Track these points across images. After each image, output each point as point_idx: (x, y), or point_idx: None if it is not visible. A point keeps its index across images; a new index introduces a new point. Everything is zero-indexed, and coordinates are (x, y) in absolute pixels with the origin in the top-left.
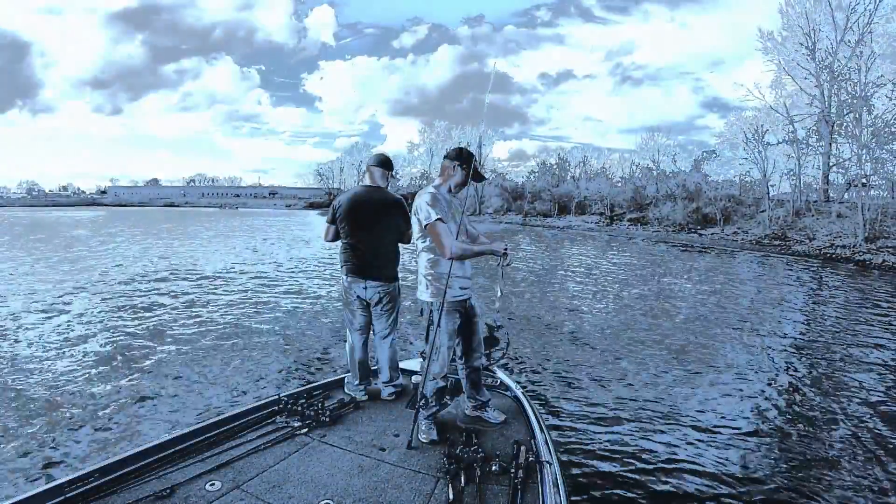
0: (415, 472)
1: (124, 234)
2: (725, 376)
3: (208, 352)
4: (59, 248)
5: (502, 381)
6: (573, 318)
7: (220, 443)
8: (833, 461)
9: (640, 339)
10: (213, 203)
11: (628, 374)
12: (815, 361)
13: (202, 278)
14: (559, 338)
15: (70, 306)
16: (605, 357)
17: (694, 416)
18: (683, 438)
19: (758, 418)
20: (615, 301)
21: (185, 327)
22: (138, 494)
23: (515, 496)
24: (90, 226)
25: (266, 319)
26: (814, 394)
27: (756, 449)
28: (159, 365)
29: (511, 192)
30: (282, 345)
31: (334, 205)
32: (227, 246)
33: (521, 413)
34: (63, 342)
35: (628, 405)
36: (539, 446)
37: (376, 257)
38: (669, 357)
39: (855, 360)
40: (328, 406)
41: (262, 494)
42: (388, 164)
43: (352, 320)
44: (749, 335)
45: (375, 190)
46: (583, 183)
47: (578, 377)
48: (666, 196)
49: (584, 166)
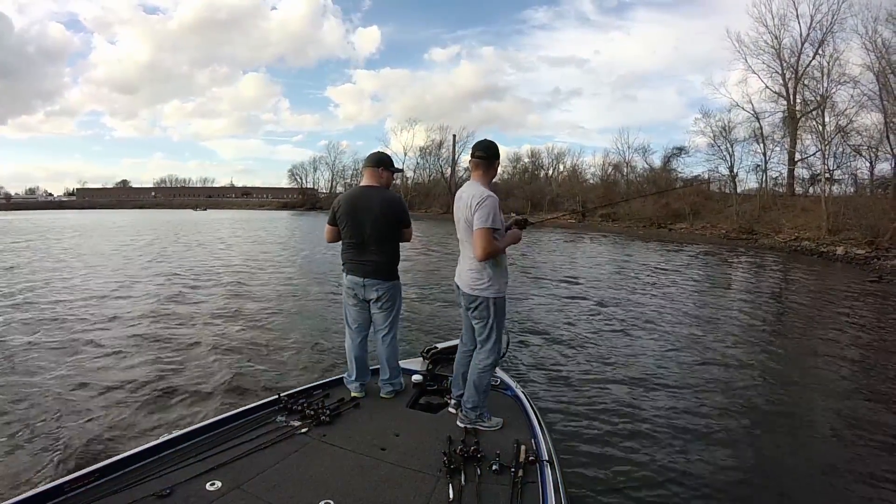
0: (415, 472)
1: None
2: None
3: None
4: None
5: (502, 380)
6: (569, 316)
7: (220, 442)
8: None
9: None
10: (187, 203)
11: (627, 373)
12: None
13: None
14: (559, 337)
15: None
16: (601, 356)
17: (696, 415)
18: (684, 438)
19: (762, 417)
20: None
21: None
22: (138, 494)
23: (515, 496)
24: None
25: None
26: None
27: (759, 449)
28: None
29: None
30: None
31: (334, 206)
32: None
33: (521, 412)
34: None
35: (629, 404)
36: (539, 446)
37: (375, 256)
38: (669, 357)
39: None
40: (328, 405)
41: (262, 494)
42: (384, 161)
43: (350, 318)
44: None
45: (373, 189)
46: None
47: (578, 377)
48: (636, 192)
49: (557, 164)
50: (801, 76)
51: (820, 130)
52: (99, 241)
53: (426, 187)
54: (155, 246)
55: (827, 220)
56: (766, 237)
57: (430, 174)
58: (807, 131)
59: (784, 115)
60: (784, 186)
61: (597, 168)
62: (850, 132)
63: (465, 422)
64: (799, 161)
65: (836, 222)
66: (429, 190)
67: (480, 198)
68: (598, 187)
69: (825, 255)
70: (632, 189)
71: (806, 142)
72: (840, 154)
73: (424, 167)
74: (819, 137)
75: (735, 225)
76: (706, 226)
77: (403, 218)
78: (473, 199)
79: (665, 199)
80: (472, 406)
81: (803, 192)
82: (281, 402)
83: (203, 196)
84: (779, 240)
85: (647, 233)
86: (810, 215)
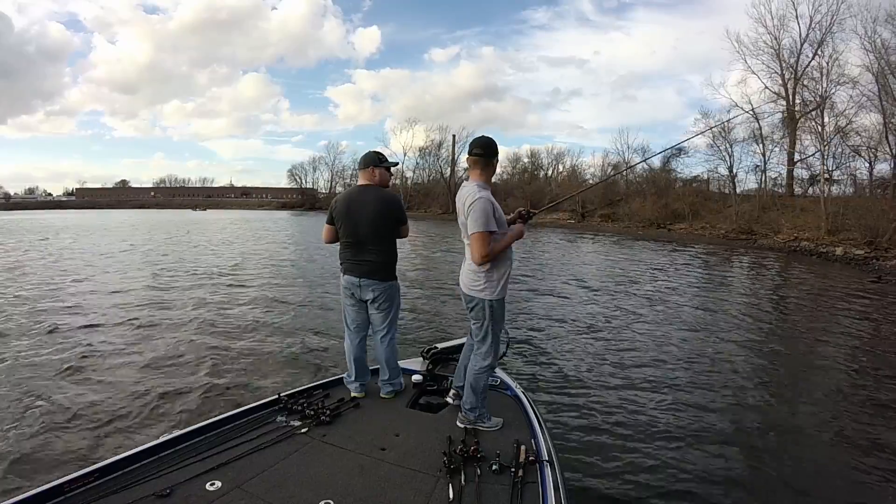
0: (415, 472)
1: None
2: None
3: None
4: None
5: (502, 380)
6: (567, 316)
7: (220, 442)
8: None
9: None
10: (186, 203)
11: (627, 374)
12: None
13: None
14: (559, 337)
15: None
16: (601, 356)
17: (695, 414)
18: (684, 438)
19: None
20: (603, 298)
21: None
22: (138, 494)
23: (515, 496)
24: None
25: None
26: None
27: (758, 449)
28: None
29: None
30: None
31: (331, 206)
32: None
33: (521, 412)
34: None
35: (629, 404)
36: (539, 445)
37: (372, 255)
38: (668, 358)
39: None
40: (328, 405)
41: (263, 494)
42: (375, 160)
43: (349, 318)
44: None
45: (369, 189)
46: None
47: (578, 377)
48: (636, 192)
49: (557, 164)
50: (800, 77)
51: (819, 131)
52: (110, 240)
53: (426, 188)
54: (153, 245)
55: (826, 220)
56: (765, 237)
57: (430, 174)
58: (806, 132)
59: (783, 116)
60: (783, 187)
61: (596, 168)
62: (850, 133)
63: (464, 422)
64: (798, 161)
65: (835, 223)
66: (428, 190)
67: (473, 199)
68: (597, 187)
69: (824, 255)
70: (631, 189)
71: (805, 142)
72: (839, 154)
73: (424, 167)
74: (818, 138)
75: (734, 225)
76: (705, 226)
77: (400, 216)
78: (468, 201)
79: (664, 200)
80: (471, 407)
81: (802, 193)
82: (281, 402)
83: (202, 196)
84: (778, 240)
85: (646, 233)
86: (809, 216)
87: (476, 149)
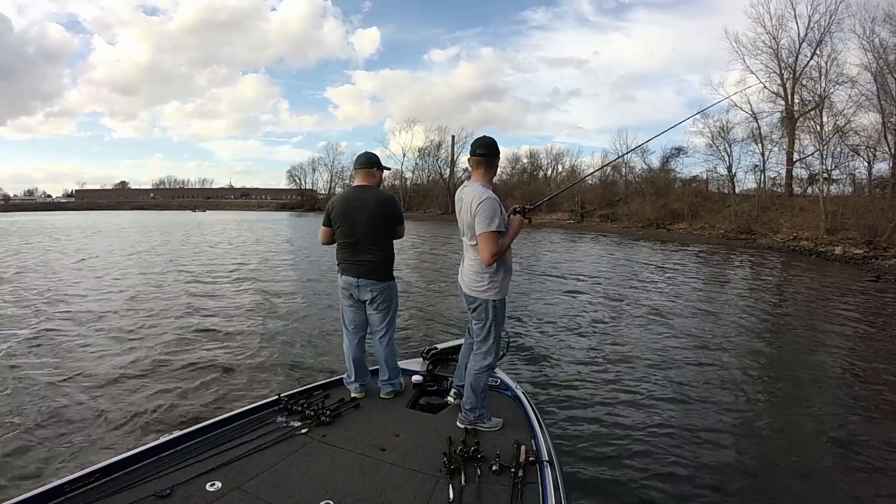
0: (415, 472)
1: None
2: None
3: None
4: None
5: (502, 380)
6: (567, 316)
7: (220, 443)
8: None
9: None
10: (186, 205)
11: (627, 373)
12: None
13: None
14: (559, 337)
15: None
16: (601, 356)
17: (696, 415)
18: (684, 438)
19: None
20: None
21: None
22: (138, 494)
23: (515, 496)
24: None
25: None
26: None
27: (758, 449)
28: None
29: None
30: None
31: (328, 207)
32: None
33: (520, 412)
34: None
35: (629, 405)
36: (539, 446)
37: (369, 255)
38: (668, 358)
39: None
40: (328, 406)
41: (263, 494)
42: (372, 161)
43: (347, 319)
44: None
45: (366, 189)
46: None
47: (578, 377)
48: (635, 192)
49: (556, 164)
50: (799, 76)
51: (818, 130)
52: (120, 241)
53: (425, 188)
54: (150, 245)
55: (825, 219)
56: (764, 237)
57: (429, 175)
58: (805, 131)
59: (782, 115)
60: (782, 186)
61: (595, 168)
62: (848, 132)
63: (464, 422)
64: (797, 161)
65: (834, 222)
66: (427, 191)
67: (480, 200)
68: (596, 188)
69: (823, 254)
70: (630, 189)
71: (804, 142)
72: (838, 154)
73: (423, 168)
74: (817, 137)
75: (733, 225)
76: (705, 226)
77: (397, 216)
78: (474, 202)
79: (664, 200)
80: (471, 408)
81: (801, 192)
82: (281, 403)
83: (202, 197)
84: (777, 240)
85: (646, 233)
86: (808, 215)
87: (479, 149)
